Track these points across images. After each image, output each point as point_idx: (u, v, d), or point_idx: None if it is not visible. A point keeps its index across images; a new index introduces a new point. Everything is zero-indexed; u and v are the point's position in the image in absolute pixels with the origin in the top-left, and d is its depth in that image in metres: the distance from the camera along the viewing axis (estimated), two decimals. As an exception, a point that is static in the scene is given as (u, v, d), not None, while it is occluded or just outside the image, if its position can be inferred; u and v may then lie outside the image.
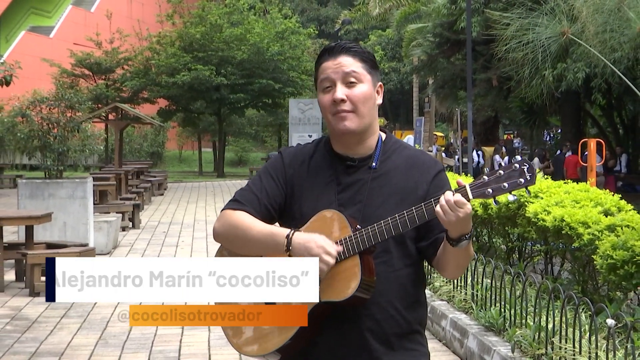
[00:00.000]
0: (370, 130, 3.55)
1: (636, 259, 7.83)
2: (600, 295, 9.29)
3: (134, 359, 8.90)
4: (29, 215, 13.25)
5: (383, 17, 46.77)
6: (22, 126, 34.48)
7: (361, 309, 3.39)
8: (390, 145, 3.60)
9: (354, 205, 3.47)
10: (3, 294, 12.43)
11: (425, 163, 3.58)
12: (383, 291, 3.40)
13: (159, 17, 50.56)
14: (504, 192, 3.28)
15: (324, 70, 3.53)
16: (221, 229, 3.53)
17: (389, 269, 3.44)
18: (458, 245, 3.32)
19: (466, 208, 3.24)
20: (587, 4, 12.34)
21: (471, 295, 9.95)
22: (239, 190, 3.64)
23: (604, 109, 33.15)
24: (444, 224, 3.28)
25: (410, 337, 3.51)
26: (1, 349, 9.32)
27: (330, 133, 3.60)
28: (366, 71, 3.51)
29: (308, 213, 3.47)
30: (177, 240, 18.81)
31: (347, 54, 3.52)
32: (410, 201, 3.43)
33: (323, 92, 3.53)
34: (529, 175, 3.27)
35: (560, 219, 9.50)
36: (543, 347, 7.57)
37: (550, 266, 11.54)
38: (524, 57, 14.16)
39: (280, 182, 3.58)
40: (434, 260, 3.50)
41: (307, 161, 3.60)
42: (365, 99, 3.49)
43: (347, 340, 3.43)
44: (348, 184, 3.51)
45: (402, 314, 3.47)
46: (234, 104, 47.38)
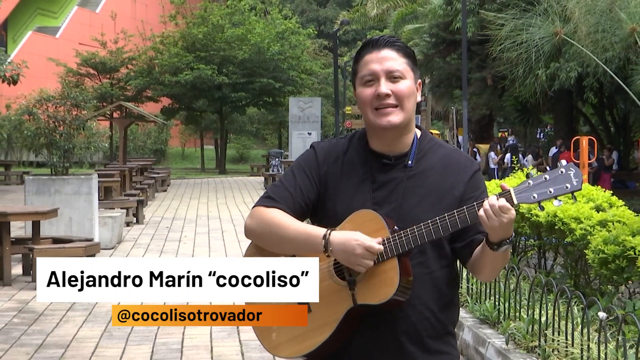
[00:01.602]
0: (409, 126, 3.40)
1: (627, 253, 7.83)
2: (592, 288, 9.29)
3: (137, 351, 8.89)
4: (36, 210, 13.25)
5: (381, 17, 46.69)
6: (29, 124, 34.39)
7: (396, 311, 3.25)
8: (425, 143, 3.45)
9: (389, 204, 3.32)
10: (10, 288, 12.43)
11: (461, 163, 3.43)
12: (419, 293, 3.27)
13: (162, 18, 50.59)
14: (549, 198, 3.14)
15: (367, 63, 3.37)
16: (254, 226, 3.38)
17: (425, 270, 3.31)
18: (499, 250, 3.20)
19: (510, 214, 3.12)
20: (579, 5, 12.33)
21: (466, 289, 9.95)
22: (270, 186, 3.48)
23: (595, 108, 33.13)
24: (487, 228, 3.15)
25: (445, 339, 3.39)
26: (9, 341, 9.32)
27: (368, 128, 3.44)
28: (409, 67, 3.37)
29: (342, 211, 3.32)
30: (179, 235, 18.79)
31: (392, 48, 3.36)
32: (446, 202, 3.32)
33: (364, 85, 3.37)
34: (576, 180, 3.11)
35: (553, 214, 9.51)
36: (536, 339, 7.57)
37: (543, 260, 11.54)
38: (518, 57, 14.16)
39: (314, 179, 3.42)
40: (469, 262, 3.38)
41: (342, 157, 3.44)
42: (409, 94, 3.34)
43: (382, 342, 3.30)
44: (383, 183, 3.37)
45: (436, 316, 3.34)
46: (235, 102, 47.42)
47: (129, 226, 20.21)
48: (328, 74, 56.09)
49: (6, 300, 11.56)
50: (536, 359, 7.41)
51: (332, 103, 49.42)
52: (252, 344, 8.87)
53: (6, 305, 11.26)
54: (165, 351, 8.88)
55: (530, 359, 7.43)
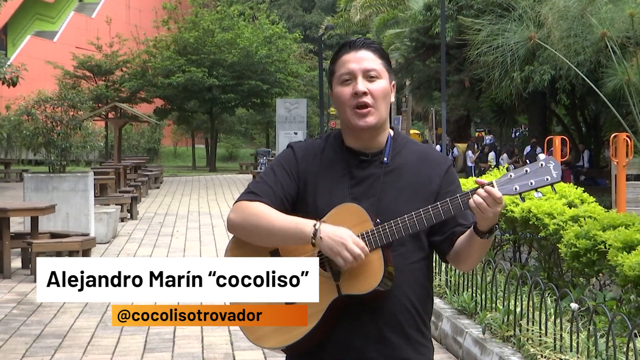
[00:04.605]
0: (384, 126, 3.35)
1: (597, 247, 7.85)
2: (564, 281, 9.32)
3: (131, 340, 8.88)
4: (34, 206, 13.21)
5: (363, 23, 46.65)
6: (27, 124, 34.30)
7: (378, 301, 3.20)
8: (399, 141, 3.40)
9: (367, 199, 3.27)
10: (10, 280, 12.39)
11: (436, 158, 3.40)
12: (399, 284, 3.21)
13: (155, 23, 50.52)
14: (530, 189, 3.11)
15: (345, 63, 3.33)
16: (239, 220, 3.28)
17: (405, 261, 3.25)
18: (490, 237, 3.16)
19: (503, 203, 3.09)
20: (552, 11, 12.36)
21: (445, 281, 9.96)
22: (252, 182, 3.41)
23: (568, 109, 33.22)
24: (478, 219, 3.11)
25: (423, 330, 3.35)
26: (8, 331, 9.30)
27: (345, 127, 3.39)
28: (385, 68, 3.33)
29: (322, 206, 3.26)
30: (172, 230, 18.76)
31: (368, 49, 3.32)
32: (423, 195, 3.28)
33: (342, 84, 3.32)
34: (555, 173, 3.09)
35: (528, 210, 9.54)
36: (512, 329, 7.58)
37: (518, 254, 11.56)
38: (494, 60, 14.16)
39: (293, 176, 3.36)
40: (450, 254, 3.33)
41: (319, 155, 3.39)
42: (384, 95, 3.31)
43: (364, 332, 3.24)
44: (361, 178, 3.31)
45: (415, 307, 3.29)
46: (225, 103, 47.37)
47: (124, 221, 20.18)
48: (313, 76, 56.07)
49: (6, 293, 11.53)
50: (511, 347, 7.42)
51: (317, 104, 49.37)
52: (241, 334, 8.81)
53: (6, 297, 11.22)
54: (158, 341, 8.87)
55: (506, 347, 7.44)
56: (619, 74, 11.18)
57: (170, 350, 8.54)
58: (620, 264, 7.17)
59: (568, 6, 11.95)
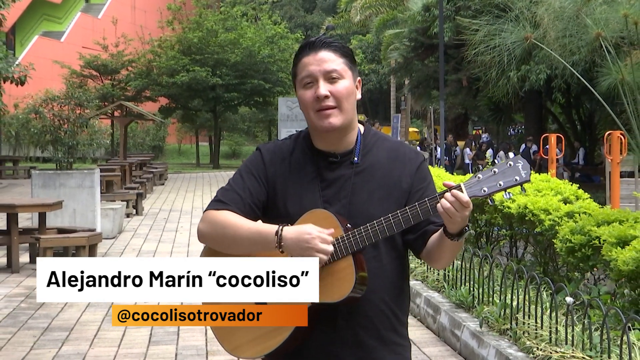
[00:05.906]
0: (351, 125, 3.22)
1: (592, 242, 7.85)
2: (560, 275, 9.31)
3: (137, 333, 8.89)
4: (42, 203, 13.22)
5: (363, 23, 46.71)
6: (35, 122, 34.43)
7: (353, 306, 3.11)
8: (370, 139, 3.28)
9: (339, 201, 3.17)
10: (18, 275, 12.40)
11: (407, 155, 3.27)
12: (373, 287, 3.12)
13: (160, 23, 50.47)
14: (499, 190, 2.98)
15: (305, 65, 3.19)
16: (207, 230, 3.20)
17: (379, 264, 3.16)
18: (460, 239, 3.05)
19: (470, 207, 2.96)
20: (548, 12, 12.34)
21: (443, 275, 9.96)
22: (220, 190, 3.28)
23: (563, 107, 33.18)
24: (447, 223, 3.00)
25: (399, 330, 3.26)
26: (16, 325, 9.31)
27: (311, 130, 3.27)
28: (347, 66, 3.19)
29: (294, 212, 3.16)
30: (176, 226, 18.77)
31: (328, 48, 3.18)
32: (395, 195, 3.18)
33: (304, 88, 3.19)
34: (524, 172, 2.96)
35: (524, 206, 9.53)
36: (508, 322, 7.59)
37: (514, 249, 11.56)
38: (491, 60, 14.13)
39: (262, 181, 3.24)
40: (423, 253, 3.22)
41: (288, 158, 3.26)
42: (348, 94, 3.17)
43: (340, 337, 3.16)
44: (331, 180, 3.20)
45: (391, 308, 3.20)
46: (228, 102, 47.32)
47: (129, 217, 20.18)
48: (315, 75, 55.91)
49: (14, 287, 11.54)
50: (508, 340, 7.43)
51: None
52: (243, 327, 8.85)
53: (14, 291, 11.23)
54: (163, 333, 8.88)
55: (502, 340, 7.45)
56: (613, 73, 11.15)
57: (174, 343, 8.55)
58: (614, 258, 7.18)
59: (563, 7, 11.93)
